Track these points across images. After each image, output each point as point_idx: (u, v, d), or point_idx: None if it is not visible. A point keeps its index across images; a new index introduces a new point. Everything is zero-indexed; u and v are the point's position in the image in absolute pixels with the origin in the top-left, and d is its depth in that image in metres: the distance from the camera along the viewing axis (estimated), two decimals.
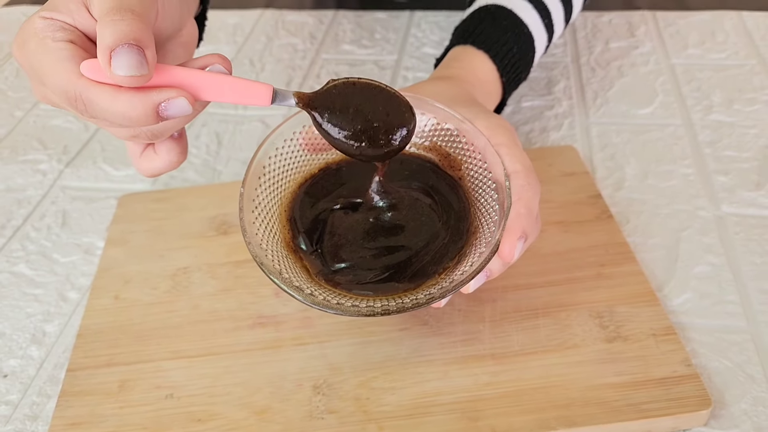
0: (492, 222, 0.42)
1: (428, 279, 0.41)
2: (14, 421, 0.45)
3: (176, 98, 0.34)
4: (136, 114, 0.34)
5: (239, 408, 0.43)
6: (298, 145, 0.45)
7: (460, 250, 0.42)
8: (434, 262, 0.42)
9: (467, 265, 0.40)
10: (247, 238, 0.39)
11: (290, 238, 0.43)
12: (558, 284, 0.50)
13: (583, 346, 0.45)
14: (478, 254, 0.40)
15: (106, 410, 0.44)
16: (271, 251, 0.41)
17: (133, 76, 0.33)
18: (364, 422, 0.42)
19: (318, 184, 0.46)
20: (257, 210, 0.42)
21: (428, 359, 0.45)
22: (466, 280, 0.38)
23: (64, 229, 0.60)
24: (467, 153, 0.45)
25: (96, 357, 0.47)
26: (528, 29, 0.59)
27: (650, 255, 0.53)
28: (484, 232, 0.42)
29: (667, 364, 0.44)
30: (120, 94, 0.34)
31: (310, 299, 0.38)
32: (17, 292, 0.54)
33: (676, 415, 0.41)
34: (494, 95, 0.57)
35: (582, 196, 0.57)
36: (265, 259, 0.39)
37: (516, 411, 0.42)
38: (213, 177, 0.64)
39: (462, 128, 0.45)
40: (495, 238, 0.40)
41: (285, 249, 0.42)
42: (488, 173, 0.43)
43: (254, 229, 0.41)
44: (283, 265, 0.40)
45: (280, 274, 0.39)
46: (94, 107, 0.35)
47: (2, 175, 0.66)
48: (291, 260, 0.42)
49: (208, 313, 0.49)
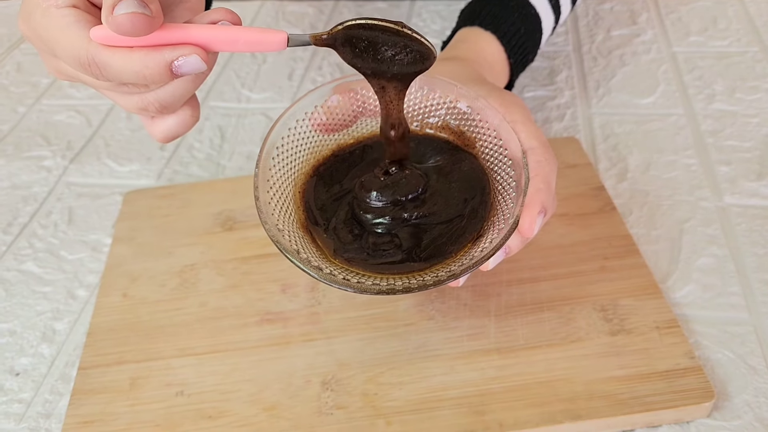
0: (510, 198, 0.41)
1: (446, 258, 0.41)
2: (27, 419, 0.46)
3: (189, 55, 0.34)
4: (150, 72, 0.34)
5: (249, 404, 0.44)
6: (311, 126, 0.45)
7: (479, 229, 0.42)
8: (452, 241, 0.41)
9: (487, 242, 0.40)
10: (263, 217, 0.39)
11: (305, 218, 0.43)
12: (562, 278, 0.50)
13: (587, 339, 0.46)
14: (497, 231, 0.40)
15: (118, 408, 0.45)
16: (288, 231, 0.40)
17: (134, 12, 0.32)
18: (372, 417, 0.42)
19: (332, 166, 0.46)
20: (272, 190, 0.42)
21: (434, 354, 0.46)
22: (486, 257, 0.38)
23: (71, 226, 0.60)
24: (482, 131, 0.45)
25: (106, 355, 0.48)
26: (535, 10, 0.59)
27: (653, 247, 0.53)
28: (502, 209, 0.42)
29: (671, 357, 0.44)
30: (133, 53, 0.34)
31: (329, 278, 0.37)
32: (26, 290, 0.55)
33: (680, 408, 0.42)
34: (502, 76, 0.57)
35: (585, 188, 0.57)
36: (282, 239, 0.39)
37: (522, 405, 0.42)
38: (217, 172, 0.65)
39: (476, 106, 0.45)
40: (514, 215, 0.39)
41: (300, 230, 0.42)
42: (504, 150, 0.43)
43: (270, 209, 0.40)
44: (300, 245, 0.40)
45: (297, 253, 0.39)
46: (108, 69, 0.35)
47: (7, 172, 0.66)
48: (307, 240, 0.41)
49: (216, 310, 0.50)
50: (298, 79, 0.76)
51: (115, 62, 0.34)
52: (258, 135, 0.68)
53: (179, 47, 0.34)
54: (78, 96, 0.77)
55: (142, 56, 0.34)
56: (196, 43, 0.35)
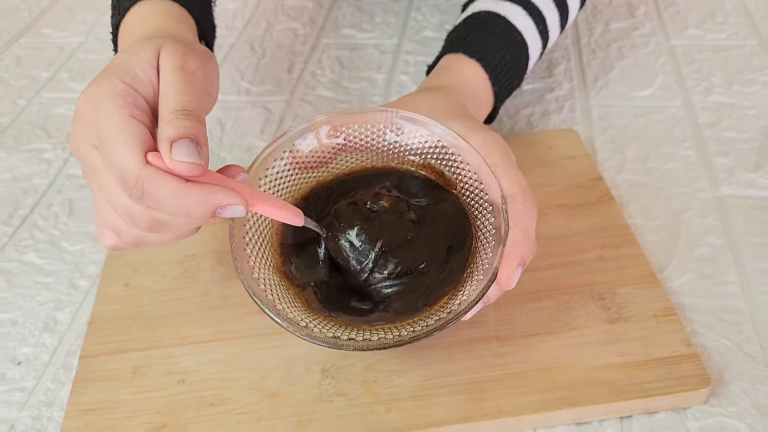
0: (489, 247, 0.41)
1: (423, 311, 0.41)
2: (30, 407, 0.46)
3: (237, 205, 0.36)
4: (195, 209, 0.36)
5: (251, 392, 0.44)
6: (288, 165, 0.45)
7: (458, 280, 0.42)
8: (430, 292, 0.42)
9: (465, 295, 0.40)
10: (239, 266, 0.40)
11: (281, 263, 0.43)
12: (560, 267, 0.50)
13: (585, 327, 0.46)
14: (475, 283, 0.40)
15: (120, 396, 0.45)
16: (263, 279, 0.41)
17: (193, 162, 0.35)
18: (372, 404, 0.43)
19: (309, 206, 0.45)
20: (248, 234, 0.42)
21: (434, 342, 0.46)
22: (465, 310, 0.38)
23: (72, 217, 0.60)
24: (462, 172, 0.45)
25: (108, 344, 0.48)
26: (521, 36, 0.58)
27: (652, 237, 0.54)
28: (481, 258, 0.42)
29: (668, 345, 0.45)
30: (189, 189, 0.35)
31: (305, 332, 0.38)
32: (28, 281, 0.55)
33: (677, 394, 0.42)
34: (485, 104, 0.56)
35: (583, 179, 0.58)
36: (258, 289, 0.39)
37: (521, 392, 0.43)
38: (217, 163, 0.65)
39: (457, 146, 0.44)
40: (493, 266, 0.39)
41: (277, 275, 0.42)
42: (485, 195, 0.43)
43: (246, 255, 0.41)
44: (276, 294, 0.40)
45: (274, 306, 0.39)
46: (154, 197, 0.36)
47: (8, 165, 0.67)
48: (284, 287, 0.42)
49: (218, 299, 0.50)
50: (298, 72, 0.76)
51: (165, 192, 0.35)
52: (258, 128, 0.69)
53: (232, 194, 0.36)
54: (78, 89, 0.77)
55: (198, 192, 0.36)
56: (241, 193, 0.37)
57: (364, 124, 0.46)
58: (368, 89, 0.73)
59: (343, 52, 0.79)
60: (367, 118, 0.46)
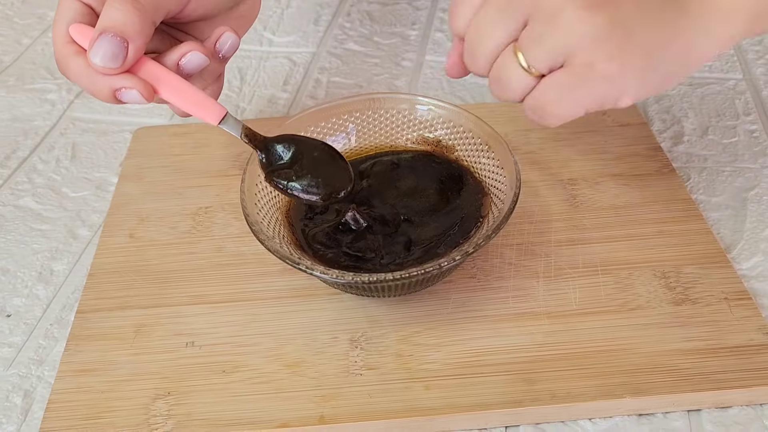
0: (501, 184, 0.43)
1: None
2: (17, 364, 0.41)
3: (131, 89, 0.37)
4: (97, 91, 0.38)
5: (269, 360, 0.39)
6: None
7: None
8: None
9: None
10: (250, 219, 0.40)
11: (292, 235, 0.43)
12: (617, 240, 0.45)
13: (648, 308, 0.41)
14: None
15: (120, 356, 0.40)
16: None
17: (104, 66, 0.36)
18: (407, 381, 0.38)
19: None
20: (260, 204, 0.42)
21: (476, 315, 0.41)
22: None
23: (74, 162, 0.55)
24: (459, 136, 0.46)
25: (109, 299, 0.43)
26: None
27: (715, 214, 0.49)
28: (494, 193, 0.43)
29: (743, 332, 0.39)
30: (89, 71, 0.37)
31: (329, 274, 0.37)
32: (23, 227, 0.50)
33: (753, 388, 0.37)
34: None
35: (640, 147, 0.52)
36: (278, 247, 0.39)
37: (575, 375, 0.38)
38: (236, 114, 0.59)
39: (447, 114, 0.47)
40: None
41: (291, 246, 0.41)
42: (484, 146, 0.45)
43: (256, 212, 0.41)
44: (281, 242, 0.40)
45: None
46: (69, 74, 0.38)
47: (7, 104, 0.61)
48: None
49: (233, 256, 0.45)
50: (325, 25, 0.71)
51: (73, 71, 0.38)
52: (281, 79, 0.63)
53: (125, 77, 0.37)
54: None
55: (93, 76, 0.37)
56: (148, 79, 0.38)
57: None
58: (400, 45, 0.67)
59: (374, 6, 0.73)
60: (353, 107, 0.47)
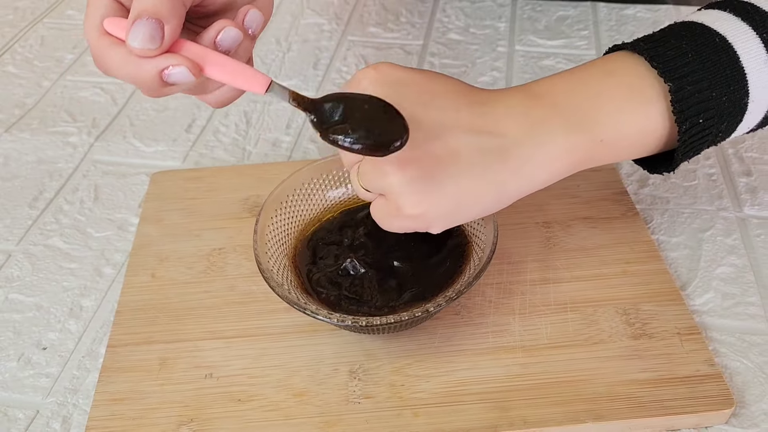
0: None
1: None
2: (55, 393, 0.47)
3: (178, 65, 0.37)
4: (143, 77, 0.37)
5: (278, 390, 0.45)
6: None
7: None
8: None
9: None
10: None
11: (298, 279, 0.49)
12: (585, 280, 0.51)
13: (609, 342, 0.47)
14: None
15: (147, 387, 0.45)
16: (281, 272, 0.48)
17: (144, 48, 0.36)
18: (399, 408, 0.43)
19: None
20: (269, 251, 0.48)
21: (459, 348, 0.47)
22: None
23: (97, 203, 0.60)
24: None
25: (135, 334, 0.48)
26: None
27: (673, 254, 0.54)
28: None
29: (691, 363, 0.45)
30: (130, 58, 0.37)
31: (332, 317, 0.43)
32: (53, 266, 0.55)
33: (700, 413, 0.43)
34: None
35: (608, 192, 0.58)
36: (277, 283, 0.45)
37: (546, 402, 0.43)
38: (243, 157, 0.65)
39: None
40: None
41: (297, 286, 0.48)
42: None
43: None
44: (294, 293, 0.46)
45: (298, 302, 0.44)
46: (106, 66, 0.39)
47: (33, 146, 0.67)
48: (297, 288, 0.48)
49: (244, 294, 0.51)
50: (324, 68, 0.76)
51: (113, 61, 0.38)
52: (283, 122, 0.69)
53: (170, 56, 0.37)
54: (102, 74, 0.77)
55: (138, 59, 0.37)
56: (192, 57, 0.37)
57: None
58: None
59: (369, 50, 0.79)
60: None
